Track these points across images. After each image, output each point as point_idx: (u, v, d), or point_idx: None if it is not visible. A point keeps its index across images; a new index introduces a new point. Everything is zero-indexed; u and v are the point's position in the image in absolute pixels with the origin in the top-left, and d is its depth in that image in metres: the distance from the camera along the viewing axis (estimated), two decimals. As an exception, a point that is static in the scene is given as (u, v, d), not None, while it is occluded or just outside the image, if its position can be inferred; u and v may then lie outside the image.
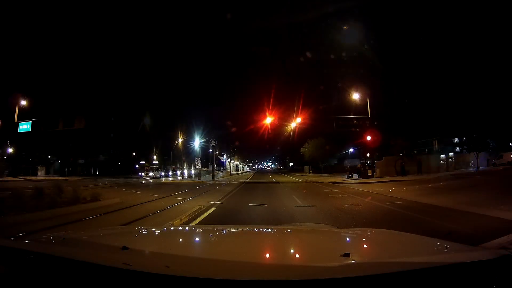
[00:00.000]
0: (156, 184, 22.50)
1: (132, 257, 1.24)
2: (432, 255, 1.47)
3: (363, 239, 2.02)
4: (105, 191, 12.00)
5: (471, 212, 6.69)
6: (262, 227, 3.29)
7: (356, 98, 23.34)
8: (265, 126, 27.35)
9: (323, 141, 42.45)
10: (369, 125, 23.11)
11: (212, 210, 7.81)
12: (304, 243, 1.99)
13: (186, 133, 37.15)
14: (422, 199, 9.43)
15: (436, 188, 13.28)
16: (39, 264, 1.23)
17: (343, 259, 1.21)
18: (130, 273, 1.06)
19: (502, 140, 31.30)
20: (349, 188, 16.05)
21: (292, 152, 65.52)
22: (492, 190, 10.67)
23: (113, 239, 1.88)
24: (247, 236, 2.26)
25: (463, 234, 4.39)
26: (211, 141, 33.09)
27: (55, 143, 39.40)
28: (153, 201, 9.97)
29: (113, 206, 8.23)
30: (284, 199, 11.00)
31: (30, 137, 27.09)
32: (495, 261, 1.17)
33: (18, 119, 24.62)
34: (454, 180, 16.59)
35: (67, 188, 7.70)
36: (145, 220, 6.40)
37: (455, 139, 40.15)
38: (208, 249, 1.84)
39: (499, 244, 2.87)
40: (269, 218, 6.86)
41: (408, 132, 28.77)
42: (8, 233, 4.08)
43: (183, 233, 2.41)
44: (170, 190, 14.62)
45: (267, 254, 1.74)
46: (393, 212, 7.38)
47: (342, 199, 10.31)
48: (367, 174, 23.02)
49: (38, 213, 5.96)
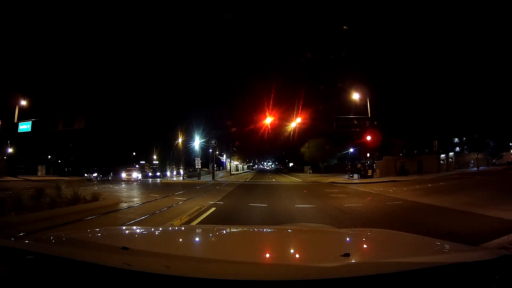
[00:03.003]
0: (156, 184, 22.49)
1: (132, 257, 1.24)
2: (432, 255, 1.46)
3: (363, 239, 2.02)
4: (105, 191, 12.01)
5: (471, 212, 6.69)
6: (262, 227, 3.29)
7: (356, 98, 23.34)
8: (265, 126, 27.33)
9: (323, 141, 42.44)
10: (369, 125, 23.11)
11: (212, 210, 7.81)
12: (304, 243, 1.99)
13: (186, 133, 37.09)
14: (422, 199, 9.43)
15: (436, 188, 13.27)
16: (39, 264, 1.23)
17: (343, 259, 1.21)
18: (130, 273, 1.06)
19: (502, 140, 31.29)
20: (349, 188, 16.04)
21: (292, 152, 65.53)
22: (492, 190, 10.67)
23: (113, 239, 1.88)
24: (247, 236, 2.26)
25: (463, 234, 4.39)
26: (211, 141, 33.08)
27: (55, 143, 39.42)
28: (153, 201, 9.96)
29: (113, 206, 8.23)
30: (284, 199, 11.00)
31: (30, 137, 27.07)
32: (495, 261, 1.17)
33: (18, 119, 24.62)
34: (454, 180, 16.58)
35: (67, 188, 7.69)
36: (145, 220, 6.40)
37: (455, 139, 40.18)
38: (208, 249, 1.84)
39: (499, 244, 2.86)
40: (269, 218, 6.85)
41: (408, 132, 28.77)
42: (8, 233, 4.07)
43: (183, 233, 2.41)
44: (170, 190, 14.62)
45: (267, 254, 1.74)
46: (393, 212, 7.37)
47: (342, 199, 10.31)
48: (367, 174, 23.03)
49: (38, 213, 5.96)
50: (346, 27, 23.76)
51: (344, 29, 24.11)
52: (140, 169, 37.47)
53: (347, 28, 23.71)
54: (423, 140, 32.09)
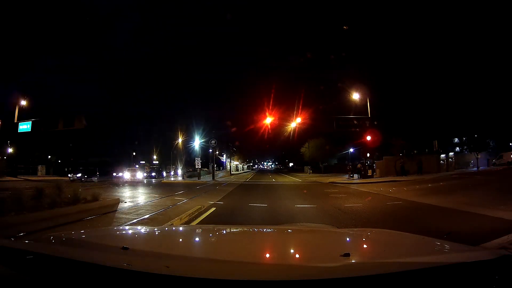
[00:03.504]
0: (156, 184, 22.49)
1: (132, 257, 1.24)
2: (432, 255, 1.46)
3: (363, 239, 2.02)
4: (105, 191, 12.01)
5: (471, 212, 6.69)
6: (262, 227, 3.29)
7: (356, 98, 23.33)
8: (265, 126, 27.29)
9: (323, 141, 42.46)
10: (369, 125, 23.10)
11: (212, 210, 7.81)
12: (304, 243, 1.98)
13: (186, 133, 37.09)
14: (422, 199, 9.43)
15: (436, 188, 13.27)
16: (39, 264, 1.23)
17: (343, 259, 1.21)
18: (130, 273, 1.06)
19: (502, 140, 31.29)
20: (349, 188, 16.05)
21: (292, 152, 65.55)
22: (492, 190, 10.66)
23: (113, 239, 1.88)
24: (247, 236, 2.26)
25: (463, 234, 4.39)
26: (211, 141, 33.05)
27: (55, 143, 39.42)
28: (153, 201, 9.97)
29: (113, 206, 8.22)
30: (284, 199, 11.00)
31: (30, 137, 27.07)
32: (495, 261, 1.17)
33: (18, 119, 24.61)
34: (454, 180, 16.58)
35: (67, 188, 7.68)
36: (145, 220, 6.40)
37: (455, 139, 40.15)
38: (208, 249, 1.84)
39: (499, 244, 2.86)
40: (269, 218, 6.85)
41: (408, 132, 28.77)
42: (8, 233, 4.07)
43: (183, 233, 2.41)
44: (170, 190, 14.62)
45: (267, 254, 1.74)
46: (393, 212, 7.37)
47: (342, 199, 10.31)
48: (367, 174, 23.04)
49: (38, 213, 5.94)
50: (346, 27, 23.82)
51: (344, 29, 24.16)
52: (140, 169, 37.46)
53: (347, 28, 23.76)
54: (423, 140, 32.09)
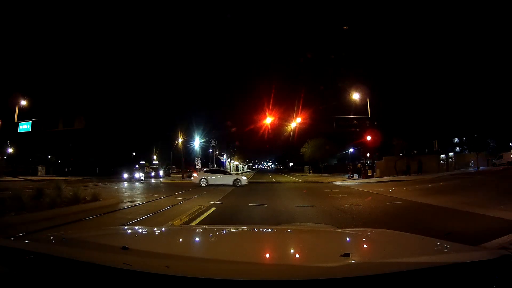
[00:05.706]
0: (156, 184, 22.48)
1: (132, 257, 1.24)
2: (432, 255, 1.46)
3: (363, 239, 2.02)
4: (105, 191, 12.01)
5: (471, 212, 6.69)
6: (262, 227, 3.29)
7: (356, 98, 23.33)
8: (265, 126, 27.30)
9: (323, 141, 42.51)
10: (369, 125, 23.10)
11: (212, 210, 7.81)
12: (304, 243, 1.98)
13: (186, 133, 37.05)
14: (422, 199, 9.44)
15: (436, 188, 13.28)
16: (39, 264, 1.23)
17: (343, 259, 1.21)
18: (130, 273, 1.06)
19: (502, 140, 31.30)
20: (349, 188, 16.05)
21: (292, 152, 65.63)
22: (492, 190, 10.65)
23: (113, 239, 1.88)
24: (247, 236, 2.26)
25: (463, 234, 4.39)
26: (211, 141, 33.06)
27: (55, 143, 39.37)
28: (153, 201, 9.96)
29: (113, 206, 8.22)
30: (284, 199, 11.00)
31: (30, 137, 27.06)
32: (495, 261, 1.17)
33: (18, 119, 24.61)
34: (454, 180, 16.58)
35: (67, 188, 7.69)
36: (145, 220, 6.39)
37: (455, 139, 40.18)
38: (208, 249, 1.84)
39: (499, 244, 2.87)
40: (269, 218, 6.85)
41: (408, 132, 28.78)
42: (8, 233, 4.08)
43: (183, 233, 2.41)
44: (170, 190, 14.62)
45: (267, 254, 1.74)
46: (393, 212, 7.37)
47: (342, 199, 10.31)
48: (367, 174, 23.06)
49: (38, 213, 5.95)
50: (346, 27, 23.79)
51: (344, 29, 24.13)
52: (140, 169, 37.53)
53: (347, 28, 23.74)
54: (423, 140, 32.10)
